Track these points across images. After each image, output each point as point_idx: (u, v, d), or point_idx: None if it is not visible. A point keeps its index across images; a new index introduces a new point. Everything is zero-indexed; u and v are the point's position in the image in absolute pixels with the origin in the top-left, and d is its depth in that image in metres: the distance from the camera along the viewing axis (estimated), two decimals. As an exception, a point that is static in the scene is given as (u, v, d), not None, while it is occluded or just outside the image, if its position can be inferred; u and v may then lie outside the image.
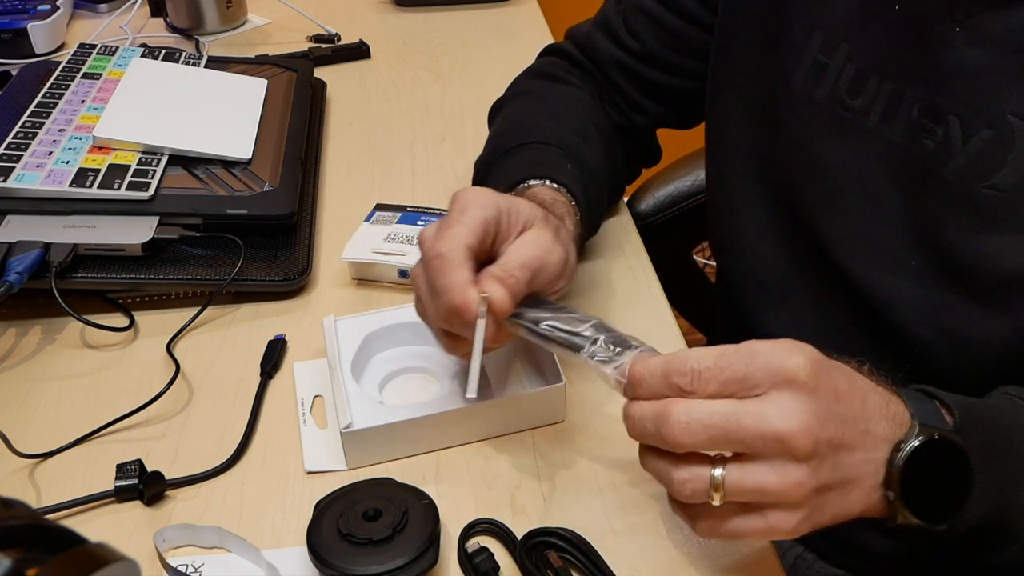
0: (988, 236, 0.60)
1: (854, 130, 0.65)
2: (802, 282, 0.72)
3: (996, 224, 0.59)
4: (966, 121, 0.59)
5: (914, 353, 0.66)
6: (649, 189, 1.10)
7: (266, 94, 0.98)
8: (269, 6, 1.35)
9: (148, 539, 0.57)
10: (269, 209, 0.81)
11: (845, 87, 0.65)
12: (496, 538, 0.57)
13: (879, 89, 0.64)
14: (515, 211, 0.60)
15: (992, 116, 0.58)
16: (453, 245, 0.56)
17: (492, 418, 0.64)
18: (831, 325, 0.71)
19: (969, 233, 0.61)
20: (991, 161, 0.59)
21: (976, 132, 0.59)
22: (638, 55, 0.83)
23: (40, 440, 0.65)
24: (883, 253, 0.65)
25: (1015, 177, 0.58)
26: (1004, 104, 0.58)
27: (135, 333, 0.75)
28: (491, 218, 0.58)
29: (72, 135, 0.86)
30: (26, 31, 1.19)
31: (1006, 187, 0.59)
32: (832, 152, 0.67)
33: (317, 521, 0.55)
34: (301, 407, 0.67)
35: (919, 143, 0.62)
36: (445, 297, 0.55)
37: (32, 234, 0.75)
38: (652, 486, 0.61)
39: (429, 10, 1.35)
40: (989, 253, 0.60)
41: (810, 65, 0.67)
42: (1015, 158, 0.58)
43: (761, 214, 0.74)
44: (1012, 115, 0.58)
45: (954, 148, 0.60)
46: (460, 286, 0.55)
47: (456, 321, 0.56)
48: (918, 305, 0.64)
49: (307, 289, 0.80)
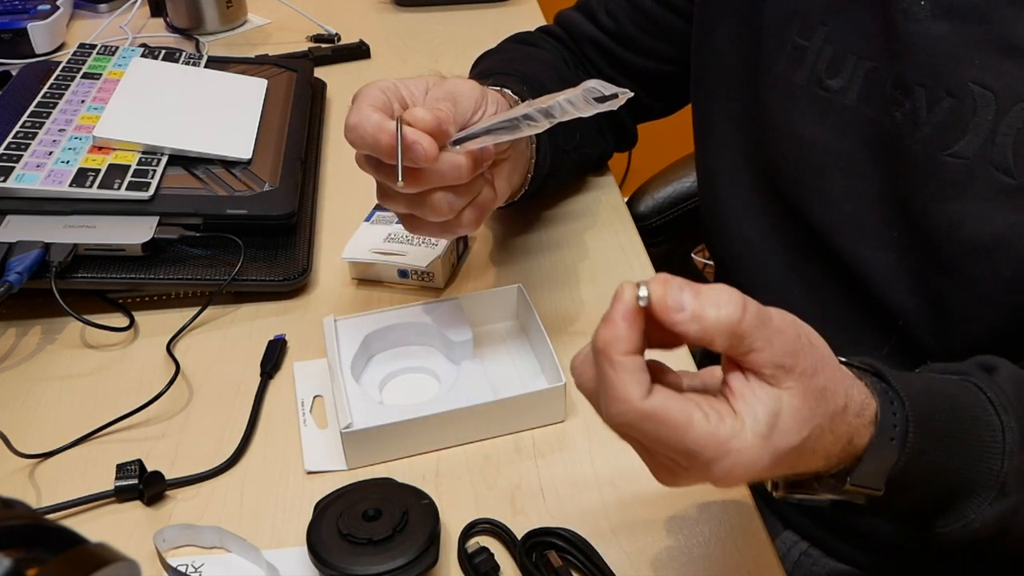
0: (951, 204, 0.61)
1: (834, 110, 0.67)
2: (792, 264, 0.73)
3: (957, 191, 0.61)
4: (930, 91, 0.61)
5: (899, 326, 0.67)
6: (648, 191, 1.10)
7: (266, 94, 0.98)
8: (269, 6, 1.35)
9: (148, 539, 0.57)
10: (269, 209, 0.81)
11: (824, 68, 0.67)
12: (496, 538, 0.57)
13: (856, 68, 0.65)
14: (410, 80, 0.62)
15: (954, 84, 0.60)
16: (357, 110, 0.58)
17: (492, 418, 0.64)
18: (823, 305, 0.71)
19: (934, 202, 0.62)
20: (954, 129, 0.60)
21: (939, 101, 0.60)
22: (613, 34, 0.87)
23: (40, 440, 0.65)
24: (866, 228, 0.67)
25: (976, 144, 0.59)
26: (965, 72, 0.59)
27: (135, 333, 0.75)
28: (387, 88, 0.60)
29: (72, 135, 0.86)
30: (26, 31, 1.19)
31: (968, 154, 0.60)
32: (814, 133, 0.68)
33: (317, 521, 0.55)
34: (301, 407, 0.67)
35: (891, 116, 0.63)
36: (376, 144, 0.57)
37: (32, 234, 0.75)
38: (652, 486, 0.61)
39: (429, 10, 1.35)
40: (953, 221, 0.61)
41: (790, 49, 0.69)
42: (976, 125, 0.59)
43: (749, 200, 0.75)
44: (973, 83, 0.59)
45: (920, 118, 0.61)
46: (380, 127, 0.56)
47: (380, 143, 0.57)
48: (900, 277, 0.66)
49: (307, 289, 0.80)
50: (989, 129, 0.59)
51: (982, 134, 0.59)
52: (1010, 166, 0.59)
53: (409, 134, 0.56)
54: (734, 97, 0.75)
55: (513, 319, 0.74)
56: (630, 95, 0.55)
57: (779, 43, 0.70)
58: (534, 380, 0.68)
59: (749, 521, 0.58)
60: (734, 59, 0.75)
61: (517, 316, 0.74)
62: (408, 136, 0.56)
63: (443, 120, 0.58)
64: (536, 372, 0.69)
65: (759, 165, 0.74)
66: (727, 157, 0.77)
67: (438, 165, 0.58)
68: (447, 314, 0.71)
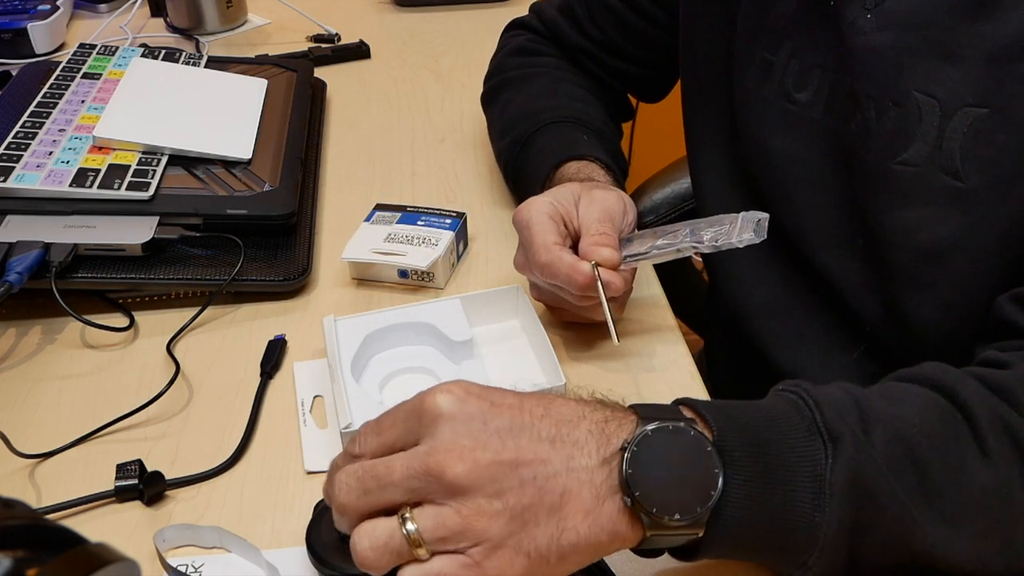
0: (905, 211, 0.62)
1: (801, 123, 0.68)
2: (773, 273, 0.74)
3: (910, 199, 0.61)
4: (878, 101, 0.62)
5: (867, 332, 0.68)
6: (646, 191, 1.11)
7: (266, 94, 0.98)
8: (269, 6, 1.35)
9: (148, 539, 0.57)
10: (269, 209, 0.81)
11: (791, 82, 0.68)
12: (496, 538, 0.57)
13: (821, 82, 0.66)
14: (561, 196, 0.69)
15: (899, 94, 0.61)
16: (547, 249, 0.65)
17: (492, 418, 0.64)
18: (801, 312, 0.72)
19: (889, 210, 0.63)
20: (901, 138, 0.61)
21: (887, 111, 0.61)
22: (600, 44, 0.90)
23: (40, 440, 0.65)
24: (831, 236, 0.68)
25: (925, 151, 0.60)
26: (908, 81, 0.60)
27: (135, 333, 0.75)
28: (552, 213, 0.67)
29: (72, 135, 0.86)
30: (26, 31, 1.19)
31: (917, 161, 0.61)
32: (783, 145, 0.69)
33: (317, 521, 0.55)
34: (301, 407, 0.67)
35: (848, 127, 0.64)
36: (571, 282, 0.65)
37: (32, 234, 0.75)
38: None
39: (429, 10, 1.35)
40: (907, 227, 0.62)
41: (758, 63, 0.70)
42: (923, 132, 0.60)
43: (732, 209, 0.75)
44: (916, 91, 0.60)
45: (871, 128, 0.62)
46: (575, 268, 0.65)
47: (588, 291, 0.65)
48: (864, 284, 0.67)
49: (307, 289, 0.80)
50: (936, 135, 0.60)
51: (929, 141, 0.60)
52: (959, 170, 0.59)
53: (604, 275, 0.65)
54: (715, 110, 0.77)
55: (512, 319, 0.74)
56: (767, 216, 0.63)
57: (747, 57, 0.71)
58: (534, 379, 0.68)
59: (749, 521, 0.58)
60: (711, 72, 0.76)
61: (516, 316, 0.74)
62: (603, 277, 0.65)
63: (615, 246, 0.67)
64: (536, 371, 0.69)
65: (737, 175, 0.75)
66: (711, 168, 0.78)
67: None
68: (447, 314, 0.71)
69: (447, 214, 0.81)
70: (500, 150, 0.89)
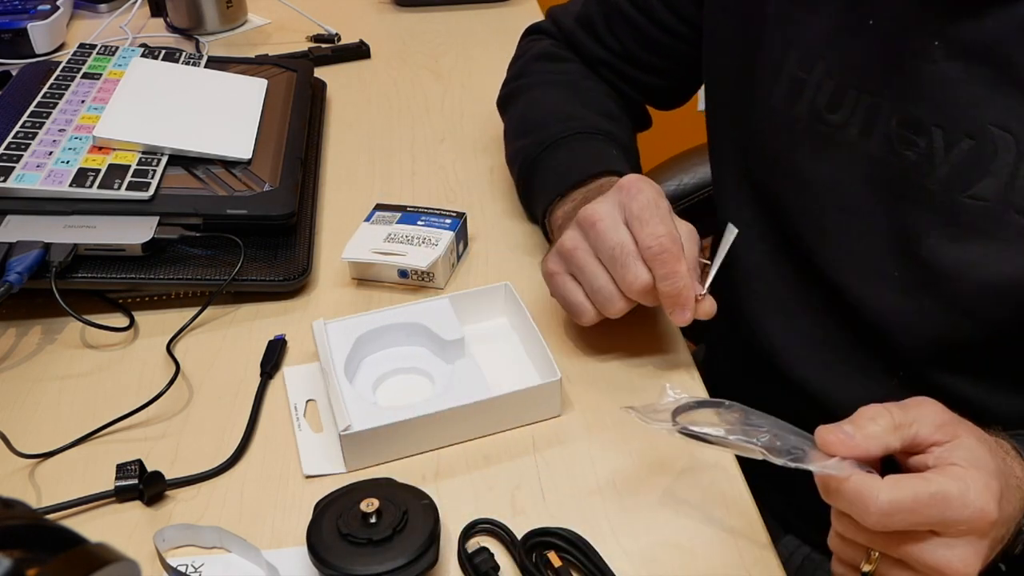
0: (968, 245, 0.61)
1: (833, 144, 0.66)
2: (794, 292, 0.73)
3: (976, 233, 0.60)
4: (948, 132, 0.60)
5: (903, 360, 0.67)
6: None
7: (266, 94, 0.98)
8: (269, 6, 1.35)
9: (148, 539, 0.57)
10: (269, 209, 0.81)
11: (824, 102, 0.66)
12: (496, 538, 0.57)
13: (857, 103, 0.65)
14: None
15: (972, 127, 0.59)
16: (670, 236, 0.62)
17: (489, 415, 0.64)
18: (825, 333, 0.71)
19: (950, 243, 0.61)
20: (973, 171, 0.59)
21: (958, 143, 0.60)
22: (620, 55, 0.88)
23: (40, 440, 0.65)
24: (865, 265, 0.66)
25: (997, 186, 0.59)
26: (984, 114, 0.59)
27: (135, 333, 0.75)
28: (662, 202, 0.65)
29: (72, 135, 0.86)
30: (26, 31, 1.19)
31: (987, 196, 0.59)
32: (812, 167, 0.68)
33: (317, 521, 0.55)
34: (294, 411, 0.67)
35: (899, 155, 0.63)
36: (670, 285, 0.62)
37: (32, 234, 0.75)
38: (652, 486, 0.61)
39: (429, 10, 1.35)
40: (970, 261, 0.61)
41: (788, 82, 0.68)
42: (997, 168, 0.59)
43: (752, 225, 0.75)
44: (992, 125, 0.58)
45: (937, 159, 0.61)
46: (685, 280, 0.62)
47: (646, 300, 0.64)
48: (902, 315, 0.65)
49: (307, 289, 0.80)
50: (1010, 172, 0.58)
51: (1003, 177, 0.59)
52: None
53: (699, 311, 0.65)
54: (735, 125, 0.75)
55: (502, 316, 0.74)
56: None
57: (774, 74, 0.69)
58: (528, 376, 0.68)
59: (750, 522, 0.58)
60: (732, 87, 0.75)
61: (506, 313, 0.74)
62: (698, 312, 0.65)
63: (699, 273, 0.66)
64: (529, 368, 0.69)
65: (759, 192, 0.74)
66: (731, 181, 0.77)
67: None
68: (437, 313, 0.71)
69: (447, 214, 0.81)
70: (519, 148, 0.86)
